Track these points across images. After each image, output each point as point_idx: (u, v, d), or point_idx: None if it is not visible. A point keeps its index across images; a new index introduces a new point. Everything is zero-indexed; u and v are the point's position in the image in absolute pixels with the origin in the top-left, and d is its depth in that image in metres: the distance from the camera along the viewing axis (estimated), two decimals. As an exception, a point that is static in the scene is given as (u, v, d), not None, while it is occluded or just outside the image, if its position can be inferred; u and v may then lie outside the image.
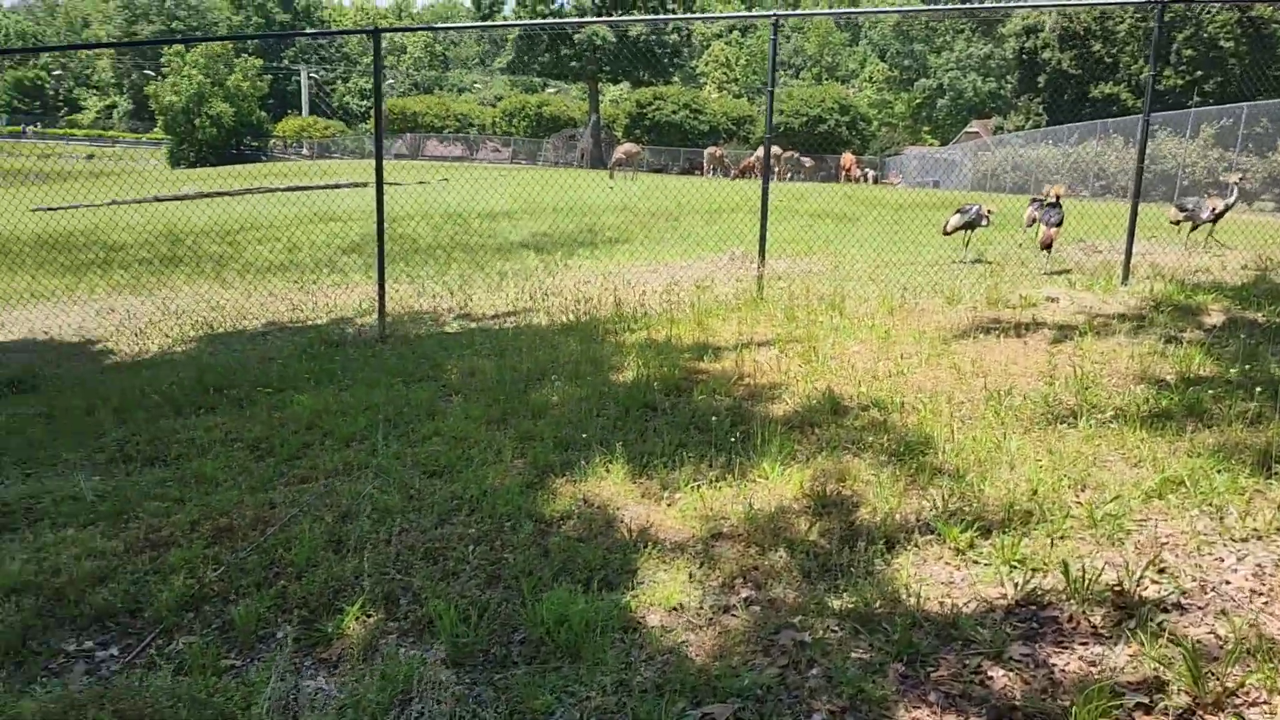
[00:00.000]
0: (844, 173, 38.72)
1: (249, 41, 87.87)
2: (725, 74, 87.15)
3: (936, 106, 68.14)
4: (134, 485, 4.96)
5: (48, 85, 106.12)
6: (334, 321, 9.00)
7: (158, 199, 26.02)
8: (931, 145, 58.64)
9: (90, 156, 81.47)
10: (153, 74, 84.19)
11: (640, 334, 7.28)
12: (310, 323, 9.05)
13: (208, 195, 26.16)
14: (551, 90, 77.75)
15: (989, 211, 11.30)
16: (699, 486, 4.28)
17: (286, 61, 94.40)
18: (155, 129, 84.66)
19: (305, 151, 74.43)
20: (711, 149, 42.08)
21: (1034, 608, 3.22)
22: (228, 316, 9.54)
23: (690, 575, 3.57)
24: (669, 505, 4.20)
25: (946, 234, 11.54)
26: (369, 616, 3.44)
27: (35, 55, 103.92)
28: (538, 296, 9.22)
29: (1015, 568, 3.44)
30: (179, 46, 76.65)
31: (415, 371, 6.74)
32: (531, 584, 3.50)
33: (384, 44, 7.99)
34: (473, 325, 8.35)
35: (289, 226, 17.58)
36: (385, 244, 7.82)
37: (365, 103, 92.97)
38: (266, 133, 79.14)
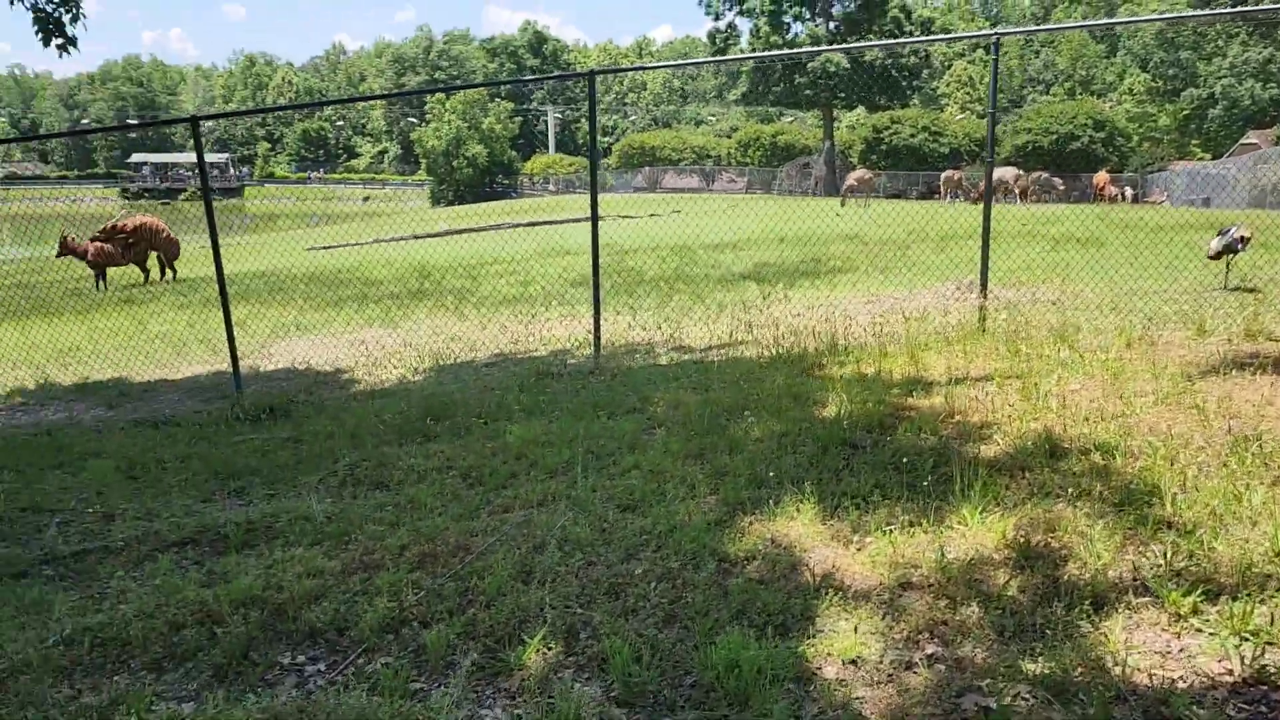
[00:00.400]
0: (1098, 192, 36.27)
1: (500, 86, 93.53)
2: (968, 94, 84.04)
3: (1207, 118, 62.51)
4: (357, 508, 5.32)
5: (330, 134, 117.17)
6: (554, 353, 9.34)
7: (415, 237, 28.07)
8: (1201, 160, 53.81)
9: (366, 199, 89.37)
10: (417, 121, 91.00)
11: (849, 368, 7.08)
12: (532, 354, 9.43)
13: (457, 232, 27.93)
14: (787, 119, 77.76)
15: (1244, 235, 10.20)
16: (891, 531, 4.09)
17: (535, 103, 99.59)
18: (419, 171, 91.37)
19: (551, 187, 78.08)
20: (949, 172, 40.59)
21: (1265, 688, 2.85)
22: (460, 348, 10.11)
23: (873, 626, 3.41)
24: (858, 550, 4.03)
25: (1211, 259, 10.54)
26: (549, 649, 3.51)
27: (320, 108, 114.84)
28: (750, 328, 9.18)
29: (1246, 640, 3.06)
30: (440, 95, 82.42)
31: (622, 403, 6.87)
32: (707, 625, 3.46)
33: (625, 82, 8.23)
34: (684, 357, 8.43)
35: (526, 260, 18.48)
36: (611, 277, 8.07)
37: (606, 139, 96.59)
38: (516, 171, 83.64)
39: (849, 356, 7.44)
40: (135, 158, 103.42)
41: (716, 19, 55.71)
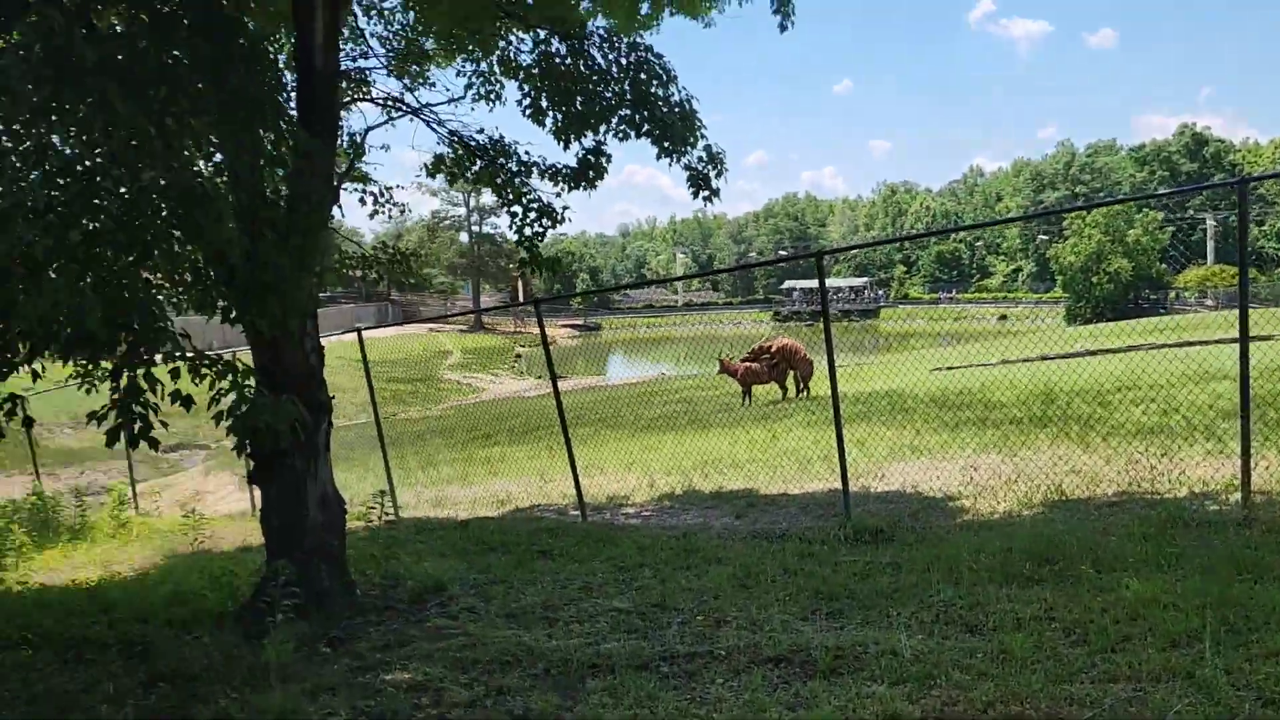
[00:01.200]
0: None
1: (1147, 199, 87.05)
2: None
3: None
4: (947, 650, 5.09)
5: (964, 255, 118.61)
6: (1192, 496, 8.14)
7: (1044, 358, 26.86)
8: None
9: (1003, 317, 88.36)
10: (1050, 238, 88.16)
11: None
12: (1164, 496, 8.32)
13: (1091, 353, 26.09)
14: None
15: None
16: None
17: (1190, 211, 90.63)
18: (1054, 289, 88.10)
19: (1209, 302, 69.84)
20: None
21: None
22: (1079, 482, 9.31)
23: None
24: None
25: None
26: None
27: (956, 232, 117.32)
28: None
29: None
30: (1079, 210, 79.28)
31: (1275, 567, 5.70)
32: None
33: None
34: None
35: (1170, 386, 16.53)
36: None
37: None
38: (1166, 285, 76.54)
39: None
40: (786, 284, 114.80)
41: None
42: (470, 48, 8.55)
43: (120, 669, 6.26)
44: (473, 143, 8.20)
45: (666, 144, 7.31)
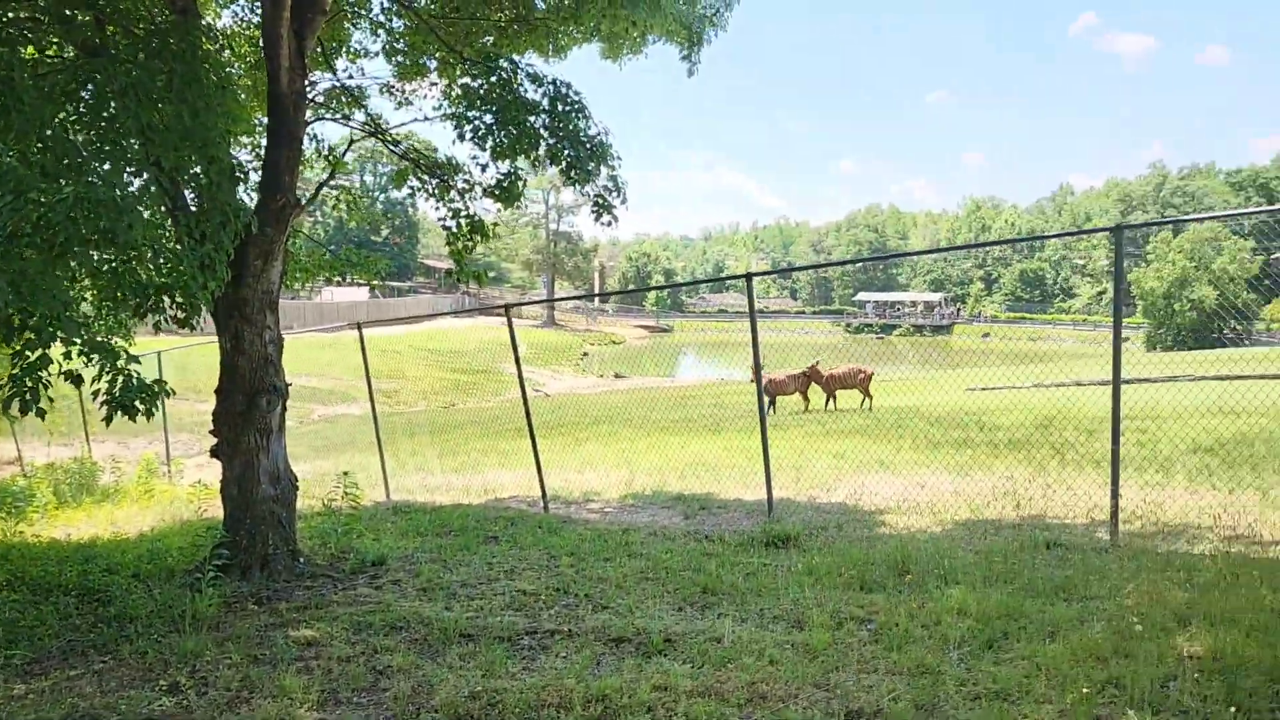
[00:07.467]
0: None
1: (1245, 222, 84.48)
2: None
3: None
4: (764, 640, 5.68)
5: (1048, 274, 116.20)
6: (1090, 523, 8.50)
7: (1077, 383, 26.73)
8: None
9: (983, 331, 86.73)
10: (1133, 261, 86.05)
11: None
12: (1067, 520, 8.73)
13: (1128, 381, 25.85)
14: None
15: None
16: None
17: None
18: (1136, 314, 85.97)
19: (1297, 336, 67.50)
20: None
21: None
22: (1006, 504, 9.70)
23: None
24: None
25: None
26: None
27: (1042, 247, 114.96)
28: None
29: None
30: (1166, 233, 77.51)
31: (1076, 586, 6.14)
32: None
33: None
34: (1232, 550, 7.06)
35: (1171, 419, 16.57)
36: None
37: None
38: (1251, 315, 74.17)
39: None
40: (860, 295, 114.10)
41: None
42: (444, 73, 9.42)
43: (74, 609, 7.20)
44: (422, 162, 9.04)
45: (574, 174, 7.99)
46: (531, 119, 7.62)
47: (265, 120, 8.02)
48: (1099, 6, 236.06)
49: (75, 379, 5.61)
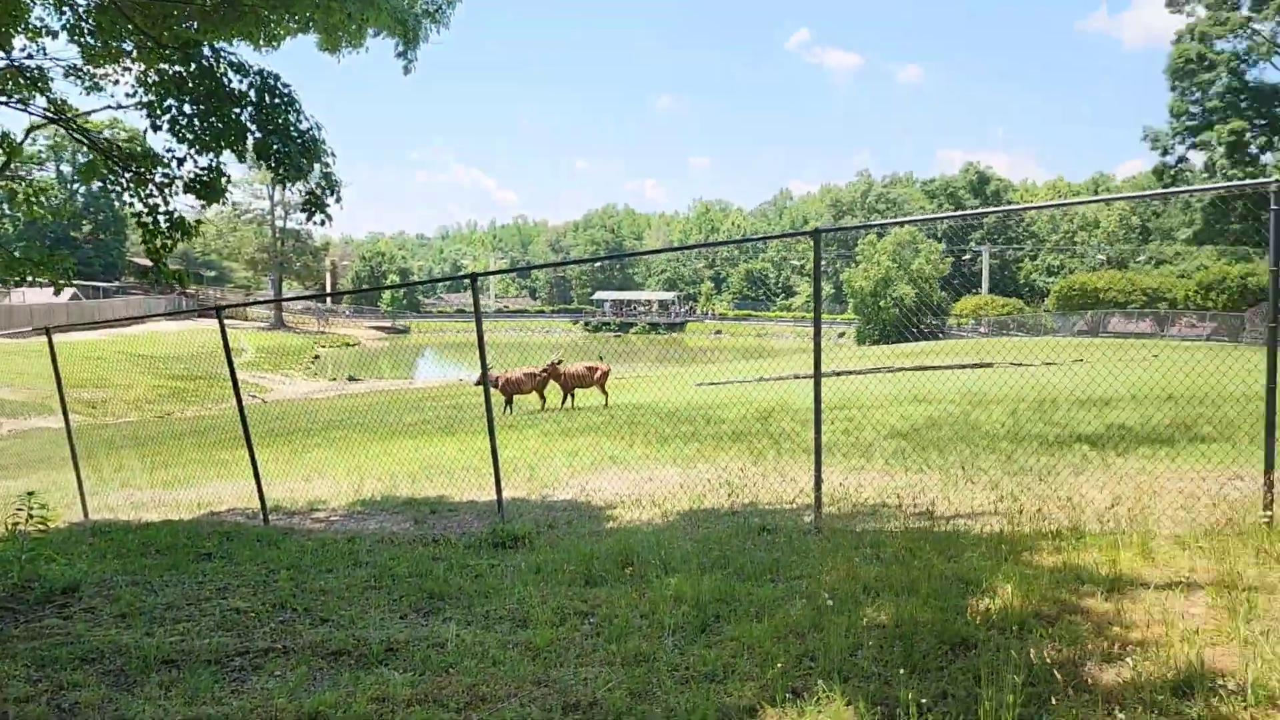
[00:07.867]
0: None
1: (937, 227, 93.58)
2: None
3: None
4: (488, 642, 5.66)
5: (770, 274, 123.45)
6: (802, 508, 9.13)
7: (795, 376, 28.57)
8: None
9: (717, 332, 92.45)
10: (847, 260, 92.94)
11: (1066, 555, 6.21)
12: (764, 507, 9.33)
13: (838, 374, 27.95)
14: (1264, 259, 68.48)
15: None
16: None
17: (972, 243, 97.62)
18: (847, 310, 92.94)
19: (982, 329, 75.37)
20: None
21: None
22: (726, 494, 10.21)
23: None
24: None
25: None
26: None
27: (765, 248, 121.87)
28: (1012, 498, 8.34)
29: None
30: (872, 236, 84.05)
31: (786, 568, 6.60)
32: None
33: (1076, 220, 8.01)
34: (916, 526, 7.82)
35: (881, 406, 18.09)
36: (941, 429, 7.62)
37: (1051, 279, 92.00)
38: (944, 311, 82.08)
39: (1077, 544, 6.52)
40: (598, 294, 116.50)
41: (1165, 154, 51.38)
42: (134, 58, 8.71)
43: None
44: (114, 153, 8.33)
45: (283, 170, 7.67)
46: (237, 111, 7.20)
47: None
48: (811, 23, 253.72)
49: None
